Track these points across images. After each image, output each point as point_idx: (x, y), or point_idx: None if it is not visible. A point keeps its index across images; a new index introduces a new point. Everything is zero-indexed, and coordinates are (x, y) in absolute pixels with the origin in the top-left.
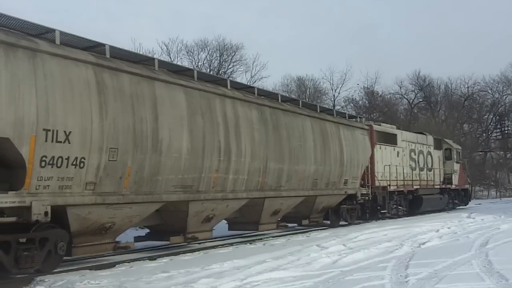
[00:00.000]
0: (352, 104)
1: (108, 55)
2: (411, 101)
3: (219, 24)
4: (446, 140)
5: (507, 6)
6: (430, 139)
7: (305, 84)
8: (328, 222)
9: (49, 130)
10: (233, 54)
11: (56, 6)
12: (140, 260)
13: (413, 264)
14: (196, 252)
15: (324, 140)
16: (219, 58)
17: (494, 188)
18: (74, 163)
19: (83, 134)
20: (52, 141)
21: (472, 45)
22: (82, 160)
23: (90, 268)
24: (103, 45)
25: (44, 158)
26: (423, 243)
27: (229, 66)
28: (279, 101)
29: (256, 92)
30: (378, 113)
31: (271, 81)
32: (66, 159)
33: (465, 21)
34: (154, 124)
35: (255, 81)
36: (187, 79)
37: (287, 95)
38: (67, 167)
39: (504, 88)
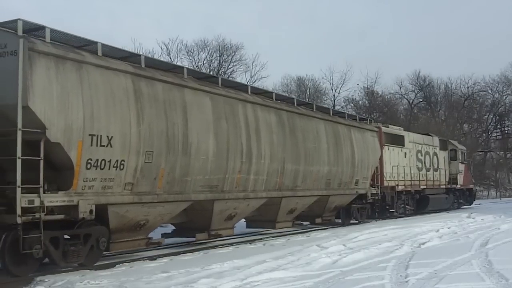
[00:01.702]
0: (352, 104)
1: (143, 65)
2: (411, 101)
3: (220, 24)
4: (451, 141)
5: (507, 7)
6: (436, 140)
7: (305, 84)
8: (339, 220)
9: (94, 135)
10: (233, 54)
11: (57, 6)
12: (140, 260)
13: (413, 264)
14: (196, 252)
15: (337, 142)
16: (219, 58)
17: (494, 188)
18: (115, 165)
19: (123, 138)
20: (97, 145)
21: (472, 45)
22: (122, 162)
23: (90, 268)
24: (139, 55)
25: (89, 161)
26: (423, 243)
27: (229, 66)
28: (295, 105)
29: (274, 97)
30: (378, 113)
31: (271, 81)
32: (108, 161)
33: (465, 21)
34: (184, 129)
35: (255, 81)
36: (212, 85)
37: (302, 100)
38: (109, 169)
39: (504, 88)
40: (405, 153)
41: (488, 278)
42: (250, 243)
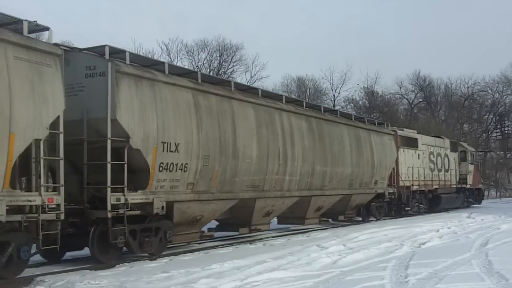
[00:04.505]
0: (352, 104)
1: (199, 80)
2: (411, 101)
3: (222, 25)
4: (461, 143)
5: (507, 7)
6: (447, 142)
7: (305, 84)
8: (357, 218)
9: (165, 143)
10: (233, 54)
11: (60, 7)
12: (140, 260)
13: (413, 264)
14: (196, 252)
15: (358, 145)
16: (219, 58)
17: (494, 188)
18: (181, 168)
19: (186, 145)
20: (167, 151)
21: (472, 45)
22: (186, 165)
23: (90, 268)
24: (196, 72)
25: (161, 164)
26: (423, 243)
27: (229, 66)
28: (322, 111)
29: (304, 105)
30: (378, 113)
31: (271, 81)
32: (175, 165)
33: (466, 21)
34: (233, 135)
35: (255, 81)
36: (254, 96)
37: (328, 106)
38: (176, 171)
39: (504, 88)
40: (418, 154)
41: (488, 278)
42: (250, 243)
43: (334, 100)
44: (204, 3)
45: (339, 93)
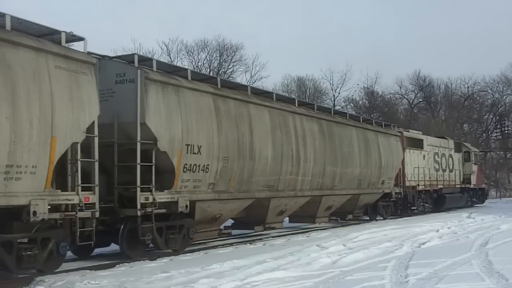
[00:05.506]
0: (352, 104)
1: (219, 85)
2: (411, 101)
3: (222, 25)
4: (465, 143)
5: (507, 7)
6: (451, 143)
7: (305, 84)
8: (365, 217)
9: (189, 145)
10: (233, 54)
11: (61, 7)
12: (140, 260)
13: (413, 264)
14: (196, 252)
15: (366, 147)
16: (219, 58)
17: (494, 188)
18: (203, 169)
19: (208, 147)
20: (190, 153)
21: (473, 45)
22: (207, 166)
23: (90, 268)
24: (215, 78)
25: (185, 166)
26: (423, 243)
27: (229, 66)
28: (332, 114)
29: (315, 108)
30: (378, 113)
31: (271, 81)
32: (198, 166)
33: (466, 21)
34: (250, 138)
35: (255, 81)
36: (269, 100)
37: (337, 109)
38: (198, 172)
39: (504, 88)
40: (424, 155)
41: (488, 278)
42: (250, 243)
43: (334, 100)
44: (204, 3)
45: (339, 93)
